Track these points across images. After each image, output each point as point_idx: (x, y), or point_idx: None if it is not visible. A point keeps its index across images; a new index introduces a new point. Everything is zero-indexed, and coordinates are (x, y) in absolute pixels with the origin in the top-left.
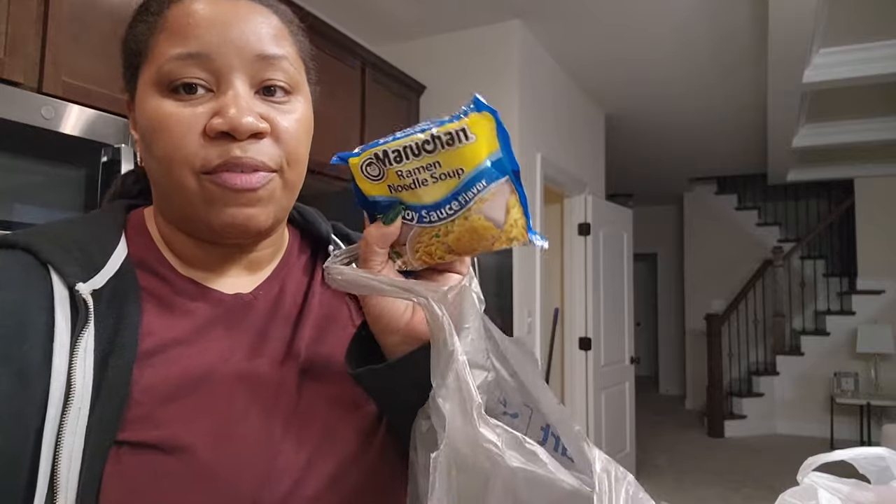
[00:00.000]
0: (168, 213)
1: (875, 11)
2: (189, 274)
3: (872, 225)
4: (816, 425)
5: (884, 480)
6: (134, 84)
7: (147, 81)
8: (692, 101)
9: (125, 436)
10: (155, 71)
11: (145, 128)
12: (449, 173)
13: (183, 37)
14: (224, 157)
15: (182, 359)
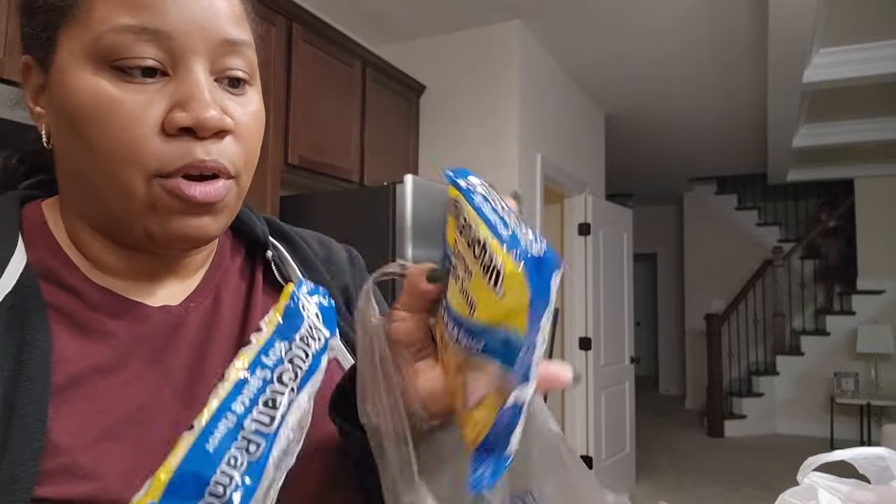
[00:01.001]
0: (88, 213)
1: (875, 11)
2: (105, 283)
3: (872, 225)
4: (816, 425)
5: (884, 480)
6: (50, 46)
7: (76, 50)
8: (692, 100)
9: (44, 492)
10: (92, 40)
11: (74, 109)
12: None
13: (135, 5)
14: (185, 160)
15: (105, 392)
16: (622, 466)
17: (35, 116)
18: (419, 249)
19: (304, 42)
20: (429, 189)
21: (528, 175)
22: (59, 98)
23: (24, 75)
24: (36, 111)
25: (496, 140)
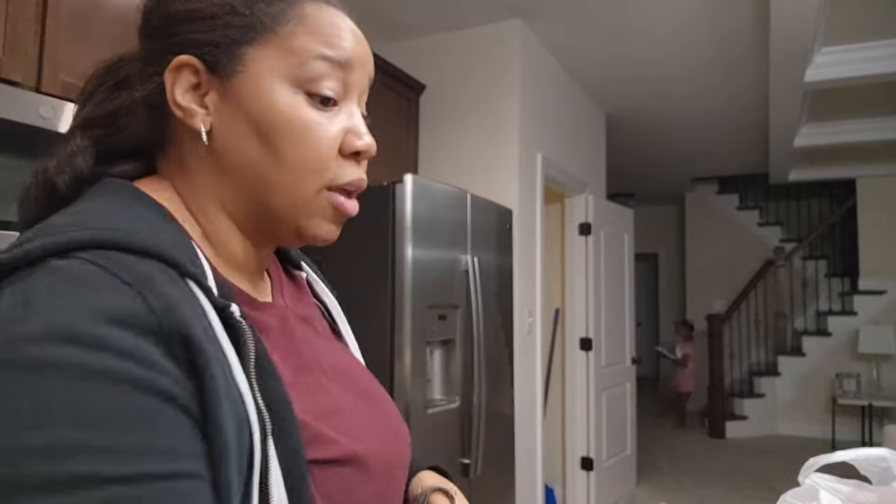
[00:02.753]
0: (239, 206)
1: (876, 10)
2: (232, 279)
3: (875, 225)
4: (818, 426)
5: (885, 481)
6: (234, 57)
7: (276, 69)
8: (693, 100)
9: (311, 456)
10: (296, 63)
11: (272, 120)
12: None
13: (330, 41)
14: (351, 179)
15: (294, 372)
16: (623, 467)
17: (184, 112)
18: (419, 249)
19: None
20: (429, 189)
21: (528, 175)
22: (250, 107)
23: (176, 73)
24: (189, 108)
25: (497, 139)
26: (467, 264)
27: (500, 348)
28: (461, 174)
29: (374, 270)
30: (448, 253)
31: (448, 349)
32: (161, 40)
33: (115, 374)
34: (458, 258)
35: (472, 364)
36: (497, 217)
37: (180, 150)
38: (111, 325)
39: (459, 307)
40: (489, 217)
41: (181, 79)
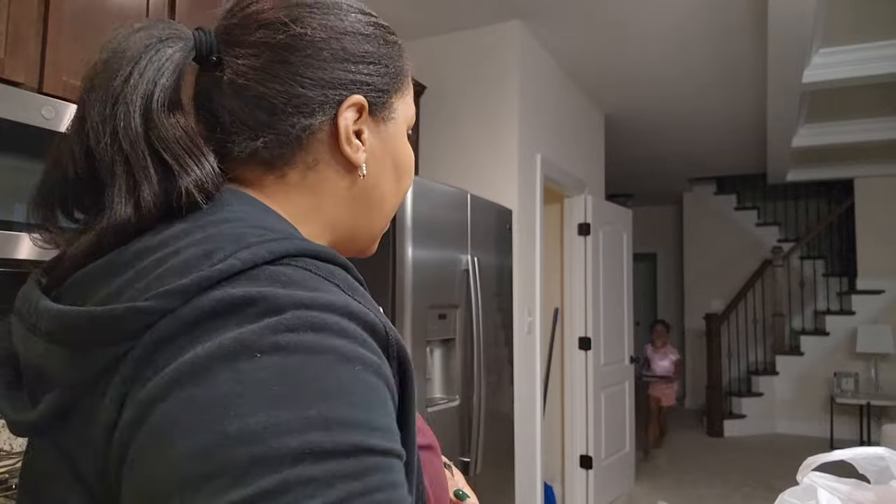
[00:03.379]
0: (345, 225)
1: (874, 11)
2: None
3: (872, 225)
4: (816, 425)
5: (883, 480)
6: (387, 102)
7: (403, 119)
8: (692, 101)
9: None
10: (411, 119)
11: (402, 162)
12: None
13: (412, 92)
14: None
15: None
16: (621, 465)
17: (352, 147)
18: (419, 250)
19: None
20: (429, 189)
21: (527, 175)
22: (393, 149)
23: (348, 112)
24: (356, 143)
25: (496, 140)
26: (467, 264)
27: (500, 348)
28: (461, 174)
29: (375, 270)
30: (448, 253)
31: (448, 348)
32: (333, 72)
33: (362, 359)
34: (458, 258)
35: (472, 363)
36: (497, 217)
37: (313, 174)
38: (345, 318)
39: (459, 307)
40: (489, 217)
41: (349, 115)
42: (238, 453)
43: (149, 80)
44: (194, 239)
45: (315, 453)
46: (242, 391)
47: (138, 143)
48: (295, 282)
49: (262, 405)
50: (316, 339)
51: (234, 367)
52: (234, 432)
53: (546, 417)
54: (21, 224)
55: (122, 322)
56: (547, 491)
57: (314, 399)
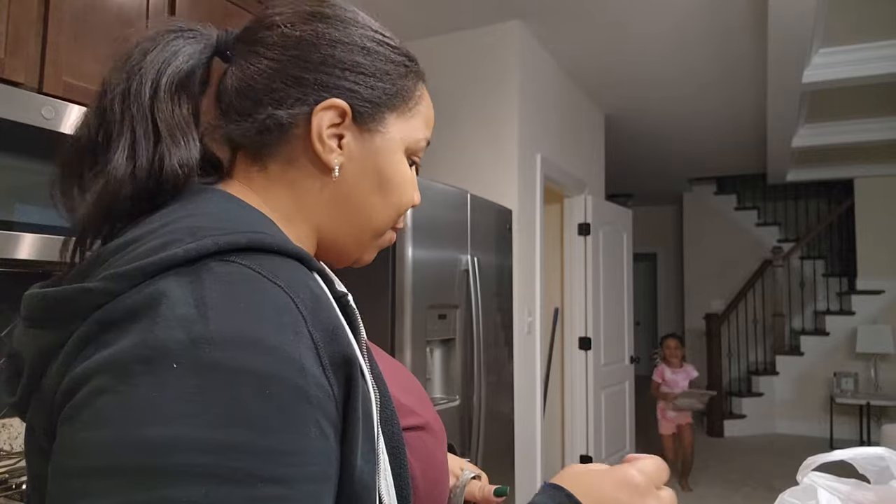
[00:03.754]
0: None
1: (874, 11)
2: None
3: (872, 225)
4: (816, 425)
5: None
6: (377, 116)
7: (399, 136)
8: (692, 101)
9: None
10: (414, 140)
11: (390, 174)
12: None
13: (429, 125)
14: (400, 223)
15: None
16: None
17: (324, 147)
18: (419, 249)
19: None
20: (429, 189)
21: (527, 175)
22: (378, 161)
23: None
24: (329, 145)
25: (496, 140)
26: (467, 264)
27: (500, 348)
28: (461, 174)
29: (375, 270)
30: (448, 253)
31: (448, 349)
32: (319, 74)
33: (279, 378)
34: (458, 258)
35: (472, 363)
36: (497, 217)
37: (293, 171)
38: (277, 329)
39: (459, 307)
40: (489, 217)
41: (327, 116)
42: (144, 460)
43: (163, 61)
44: (161, 232)
45: (214, 475)
46: (158, 398)
47: (142, 110)
48: (230, 289)
49: (173, 418)
50: (234, 359)
51: (155, 372)
52: (149, 437)
53: (546, 417)
54: (21, 224)
55: (74, 302)
56: None
57: (222, 422)
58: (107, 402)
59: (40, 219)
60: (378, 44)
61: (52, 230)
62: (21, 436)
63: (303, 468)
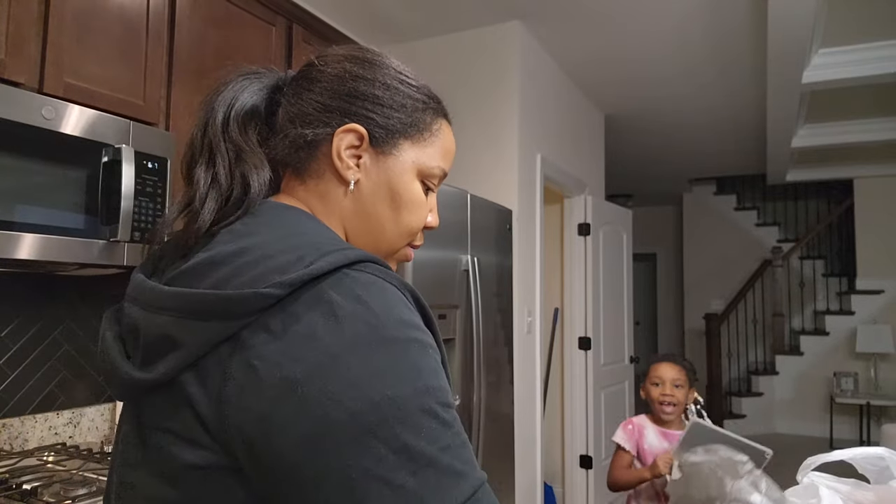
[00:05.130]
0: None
1: (874, 12)
2: None
3: (872, 225)
4: (816, 425)
5: (883, 480)
6: (392, 141)
7: (413, 161)
8: (692, 101)
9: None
10: (425, 167)
11: (401, 194)
12: None
13: (447, 160)
14: (418, 240)
15: None
16: None
17: (342, 164)
18: (419, 250)
19: (304, 43)
20: None
21: (527, 175)
22: (391, 180)
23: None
24: (347, 162)
25: (496, 141)
26: (467, 264)
27: (500, 348)
28: (461, 174)
29: None
30: (448, 253)
31: (448, 348)
32: (342, 103)
33: (428, 344)
34: (458, 258)
35: (472, 363)
36: (497, 217)
37: (322, 184)
38: (411, 313)
39: (459, 307)
40: (489, 217)
41: (347, 138)
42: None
43: (231, 97)
44: (280, 248)
45: (429, 412)
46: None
47: (217, 136)
48: (372, 290)
49: (386, 380)
50: (402, 333)
51: (358, 353)
52: (377, 397)
53: (546, 417)
54: (21, 224)
55: (248, 303)
56: (547, 491)
57: (417, 376)
58: (339, 385)
59: (41, 219)
60: (399, 82)
61: (52, 230)
62: (21, 435)
63: (452, 402)
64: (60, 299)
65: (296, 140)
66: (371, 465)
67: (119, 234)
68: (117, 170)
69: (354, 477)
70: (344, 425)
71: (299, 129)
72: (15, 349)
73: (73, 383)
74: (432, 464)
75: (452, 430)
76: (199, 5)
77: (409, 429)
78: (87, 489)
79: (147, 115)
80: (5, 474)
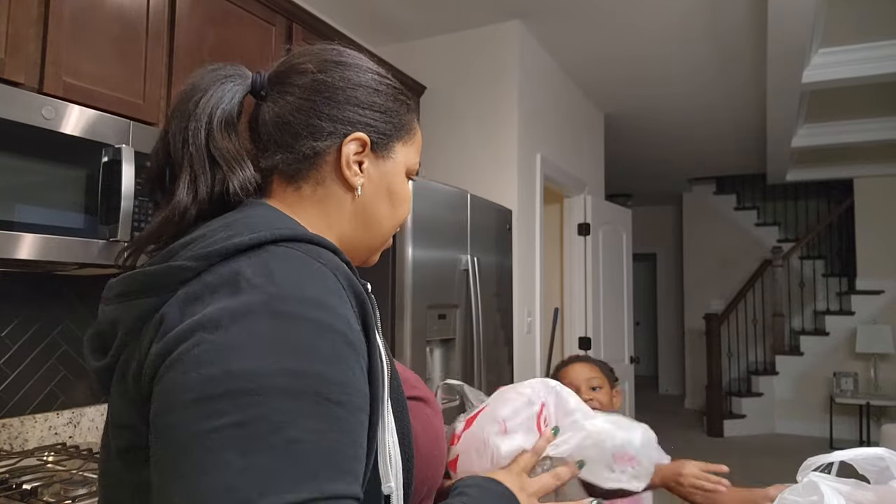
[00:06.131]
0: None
1: (874, 11)
2: None
3: (872, 225)
4: (816, 425)
5: (883, 480)
6: (388, 145)
7: (403, 161)
8: (692, 101)
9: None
10: (411, 165)
11: (397, 194)
12: None
13: (419, 150)
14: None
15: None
16: None
17: (350, 171)
18: (419, 249)
19: (304, 42)
20: (429, 189)
21: (527, 175)
22: (389, 182)
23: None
24: (354, 169)
25: (496, 140)
26: (467, 264)
27: (500, 347)
28: (461, 174)
29: (375, 270)
30: (448, 253)
31: (448, 348)
32: (344, 112)
33: (333, 328)
34: (458, 258)
35: (472, 363)
36: (497, 217)
37: (321, 190)
38: (328, 293)
39: (459, 307)
40: (489, 217)
41: (353, 146)
42: (244, 384)
43: (213, 105)
44: (220, 230)
45: (291, 393)
46: (247, 340)
47: (200, 150)
48: (289, 265)
49: (260, 353)
50: (299, 311)
51: (241, 323)
52: (245, 368)
53: None
54: (21, 224)
55: (169, 276)
56: None
57: (295, 355)
58: (206, 348)
59: (40, 219)
60: (386, 86)
61: (52, 230)
62: (21, 435)
63: (351, 398)
64: (60, 299)
65: (303, 153)
66: (202, 432)
67: (119, 233)
68: (117, 170)
69: (181, 439)
70: (194, 387)
71: (308, 141)
72: (14, 349)
73: (73, 383)
74: (270, 451)
75: (315, 426)
76: (199, 4)
77: (255, 406)
78: (87, 489)
79: (147, 114)
80: (5, 474)
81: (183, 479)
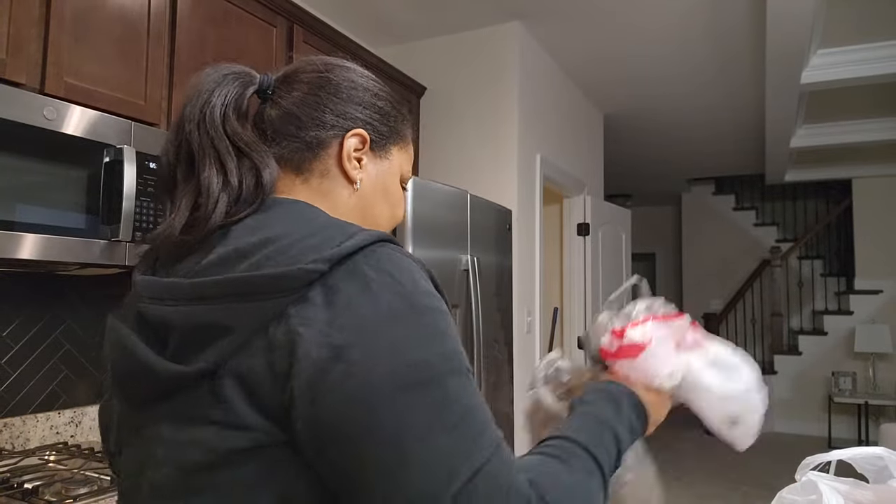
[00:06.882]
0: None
1: (873, 12)
2: None
3: (870, 225)
4: (814, 424)
5: (882, 480)
6: (386, 146)
7: (398, 164)
8: (691, 101)
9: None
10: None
11: (392, 192)
12: None
13: (411, 159)
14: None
15: None
16: None
17: (351, 167)
18: (419, 249)
19: (304, 44)
20: (429, 189)
21: (527, 175)
22: (384, 181)
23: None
24: (354, 163)
25: (496, 140)
26: (467, 264)
27: (500, 347)
28: (461, 174)
29: None
30: (448, 253)
31: None
32: (347, 109)
33: (445, 311)
34: (458, 258)
35: (472, 363)
36: (497, 217)
37: (327, 182)
38: (428, 283)
39: (459, 307)
40: (489, 217)
41: (354, 141)
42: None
43: (225, 95)
44: (307, 233)
45: (456, 371)
46: (404, 336)
47: (218, 131)
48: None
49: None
50: (428, 302)
51: (393, 322)
52: (415, 358)
53: None
54: (22, 224)
55: (297, 279)
56: None
57: (444, 340)
58: (375, 351)
59: (41, 219)
60: (386, 94)
61: (53, 230)
62: (22, 435)
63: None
64: (61, 299)
65: (307, 141)
66: (410, 422)
67: (120, 233)
68: (119, 170)
69: (394, 433)
70: (385, 385)
71: (312, 130)
72: (16, 349)
73: (75, 383)
74: (462, 422)
75: (473, 392)
76: (200, 5)
77: (441, 389)
78: (89, 488)
79: (148, 115)
80: (7, 473)
81: (406, 469)
